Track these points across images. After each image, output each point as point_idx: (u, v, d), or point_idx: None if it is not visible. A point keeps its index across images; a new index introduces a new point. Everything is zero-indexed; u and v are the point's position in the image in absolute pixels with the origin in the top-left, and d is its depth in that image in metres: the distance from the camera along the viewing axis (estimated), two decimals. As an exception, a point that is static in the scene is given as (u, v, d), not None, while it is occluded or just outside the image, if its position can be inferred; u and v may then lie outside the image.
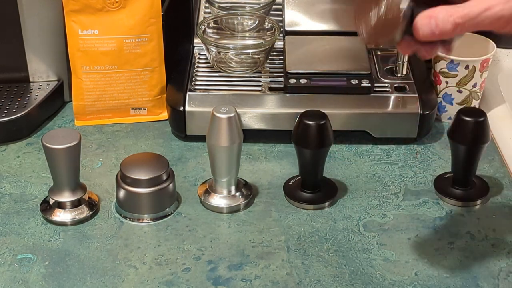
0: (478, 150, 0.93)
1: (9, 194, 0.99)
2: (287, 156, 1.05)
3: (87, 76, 1.11)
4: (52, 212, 0.94)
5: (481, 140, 0.92)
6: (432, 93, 1.12)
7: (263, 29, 1.19)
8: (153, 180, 0.92)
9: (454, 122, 0.93)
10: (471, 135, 0.92)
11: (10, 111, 1.11)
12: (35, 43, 1.14)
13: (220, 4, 1.19)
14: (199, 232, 0.92)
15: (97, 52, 1.10)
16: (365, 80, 1.08)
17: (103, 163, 1.05)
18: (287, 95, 1.08)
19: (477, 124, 0.92)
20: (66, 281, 0.84)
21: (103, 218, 0.95)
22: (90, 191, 0.97)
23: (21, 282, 0.84)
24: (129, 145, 1.09)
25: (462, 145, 0.93)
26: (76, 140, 0.89)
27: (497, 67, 1.25)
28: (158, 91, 1.14)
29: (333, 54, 1.13)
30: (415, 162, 1.05)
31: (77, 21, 1.09)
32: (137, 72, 1.12)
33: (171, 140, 1.11)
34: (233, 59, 1.14)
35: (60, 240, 0.91)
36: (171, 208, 0.95)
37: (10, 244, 0.90)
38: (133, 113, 1.15)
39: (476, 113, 0.93)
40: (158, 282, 0.84)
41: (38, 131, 1.13)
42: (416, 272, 0.85)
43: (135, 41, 1.10)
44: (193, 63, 1.16)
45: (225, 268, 0.86)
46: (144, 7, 1.09)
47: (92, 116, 1.14)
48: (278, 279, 0.84)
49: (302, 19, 1.18)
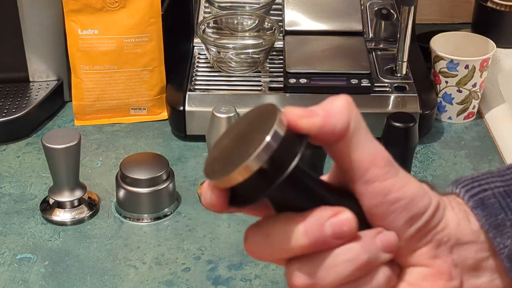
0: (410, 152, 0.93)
1: (9, 194, 0.99)
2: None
3: (87, 76, 1.11)
4: (52, 212, 0.94)
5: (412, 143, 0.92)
6: (432, 93, 1.11)
7: (263, 29, 1.19)
8: (153, 180, 0.92)
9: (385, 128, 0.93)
10: (403, 139, 0.91)
11: (10, 111, 1.11)
12: (35, 43, 1.14)
13: (220, 4, 1.19)
14: (199, 232, 0.92)
15: (97, 52, 1.10)
16: (365, 80, 1.08)
17: (103, 163, 1.05)
18: (287, 95, 1.08)
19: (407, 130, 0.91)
20: (66, 281, 0.84)
21: (103, 218, 0.95)
22: (90, 191, 0.97)
23: (21, 282, 0.84)
24: (129, 145, 1.09)
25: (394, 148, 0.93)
26: (76, 140, 0.89)
27: (497, 67, 1.25)
28: (158, 91, 1.14)
29: (333, 54, 1.13)
30: (415, 162, 1.05)
31: (77, 21, 1.09)
32: (137, 72, 1.12)
33: (171, 140, 1.11)
34: (233, 58, 1.13)
35: (60, 240, 0.91)
36: (171, 208, 0.95)
37: (10, 244, 0.90)
38: (133, 113, 1.15)
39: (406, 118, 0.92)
40: (158, 282, 0.84)
41: (38, 131, 1.12)
42: None
43: (135, 41, 1.10)
44: (193, 63, 1.16)
45: (225, 268, 0.86)
46: (144, 7, 1.09)
47: (92, 116, 1.14)
48: (278, 278, 0.84)
49: (302, 19, 1.18)
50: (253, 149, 0.40)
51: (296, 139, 0.42)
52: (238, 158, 0.41)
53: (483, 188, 0.46)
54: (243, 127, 0.44)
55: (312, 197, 0.44)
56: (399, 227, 0.44)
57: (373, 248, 0.44)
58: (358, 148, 0.43)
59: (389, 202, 0.44)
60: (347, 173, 0.44)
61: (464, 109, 1.14)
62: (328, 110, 0.43)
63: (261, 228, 0.44)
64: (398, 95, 1.08)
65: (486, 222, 0.45)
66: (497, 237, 0.45)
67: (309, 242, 0.43)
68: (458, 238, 0.45)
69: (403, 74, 1.12)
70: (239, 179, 0.41)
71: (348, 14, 1.18)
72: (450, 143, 1.10)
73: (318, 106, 0.43)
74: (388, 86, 1.10)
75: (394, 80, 1.11)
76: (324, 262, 0.43)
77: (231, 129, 0.45)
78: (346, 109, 0.43)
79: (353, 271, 0.43)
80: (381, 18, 1.21)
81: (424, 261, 0.45)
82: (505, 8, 1.30)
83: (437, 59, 1.12)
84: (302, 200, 0.44)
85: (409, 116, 0.92)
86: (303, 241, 0.43)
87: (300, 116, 0.42)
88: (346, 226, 0.43)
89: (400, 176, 0.44)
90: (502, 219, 0.45)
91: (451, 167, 1.05)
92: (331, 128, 0.43)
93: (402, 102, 1.08)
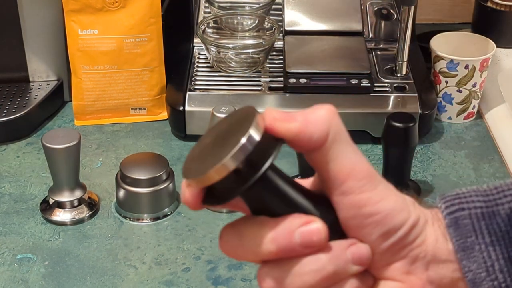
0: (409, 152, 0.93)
1: (9, 194, 0.99)
2: (287, 156, 1.04)
3: (87, 76, 1.11)
4: (51, 212, 0.94)
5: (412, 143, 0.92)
6: (432, 92, 1.11)
7: (263, 28, 1.19)
8: (152, 180, 0.92)
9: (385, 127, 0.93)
10: (403, 139, 0.91)
11: (10, 111, 1.11)
12: (35, 43, 1.14)
13: (220, 4, 1.19)
14: (199, 231, 0.92)
15: (96, 52, 1.10)
16: (365, 80, 1.08)
17: (103, 163, 1.05)
18: (286, 95, 1.08)
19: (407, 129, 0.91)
20: (66, 281, 0.84)
21: (103, 218, 0.95)
22: (90, 191, 0.97)
23: (21, 282, 0.84)
24: (129, 145, 1.09)
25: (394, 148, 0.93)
26: (76, 140, 0.89)
27: (497, 67, 1.25)
28: (157, 91, 1.14)
29: (333, 54, 1.13)
30: (415, 162, 1.05)
31: (76, 21, 1.09)
32: (137, 72, 1.12)
33: (171, 140, 1.11)
34: (233, 58, 1.13)
35: (59, 240, 0.91)
36: (171, 208, 0.95)
37: (10, 244, 0.90)
38: (132, 113, 1.15)
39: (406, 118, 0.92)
40: (158, 282, 0.84)
41: (38, 131, 1.12)
42: None
43: (135, 41, 1.10)
44: (193, 63, 1.16)
45: (224, 268, 0.86)
46: (144, 7, 1.09)
47: (92, 116, 1.14)
48: (277, 278, 0.84)
49: (302, 19, 1.18)
50: (228, 150, 0.41)
51: (272, 142, 0.43)
52: (214, 158, 0.41)
53: (461, 207, 0.45)
54: (223, 129, 0.45)
55: (285, 202, 0.44)
56: (373, 240, 0.44)
57: (342, 260, 0.44)
58: (337, 159, 0.43)
59: (364, 216, 0.44)
60: (324, 182, 0.45)
61: (464, 109, 1.14)
62: (307, 118, 0.43)
63: (235, 228, 0.45)
64: (398, 95, 1.08)
65: (456, 242, 0.45)
66: (463, 260, 0.44)
67: (277, 249, 0.43)
68: (435, 255, 0.45)
69: (403, 74, 1.12)
70: (215, 179, 0.41)
71: (348, 14, 1.18)
72: (450, 143, 1.10)
73: (299, 112, 0.43)
74: (388, 86, 1.10)
75: (394, 80, 1.11)
76: (292, 270, 0.43)
77: (211, 131, 0.46)
78: (327, 120, 0.43)
79: (320, 281, 0.43)
80: (381, 18, 1.21)
81: (397, 276, 0.45)
82: (505, 8, 1.30)
83: (437, 59, 1.12)
84: (275, 204, 0.44)
85: (409, 116, 0.92)
86: (271, 247, 0.43)
87: (277, 120, 0.42)
88: (315, 236, 0.43)
89: (378, 190, 0.44)
90: (472, 242, 0.44)
91: (451, 167, 1.05)
92: (307, 136, 0.43)
93: (402, 102, 1.08)
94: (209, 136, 0.45)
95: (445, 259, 0.45)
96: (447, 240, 0.45)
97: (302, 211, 0.44)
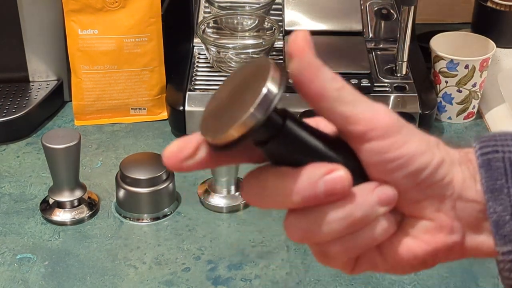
0: None
1: (9, 194, 0.99)
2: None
3: (87, 76, 1.11)
4: (51, 211, 0.94)
5: None
6: (432, 92, 1.11)
7: (263, 28, 1.19)
8: (152, 180, 0.92)
9: None
10: None
11: (10, 111, 1.11)
12: (35, 43, 1.14)
13: (220, 3, 1.19)
14: (199, 231, 0.92)
15: (96, 52, 1.10)
16: (365, 80, 1.08)
17: (102, 163, 1.05)
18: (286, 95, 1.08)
19: None
20: (66, 281, 0.84)
21: (103, 218, 0.95)
22: (90, 190, 0.97)
23: (21, 282, 0.84)
24: (129, 145, 1.09)
25: None
26: (75, 140, 0.89)
27: (496, 67, 1.25)
28: (157, 91, 1.14)
29: (333, 54, 1.13)
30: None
31: (76, 21, 1.09)
32: (137, 72, 1.12)
33: (171, 140, 1.10)
34: (233, 58, 1.13)
35: (59, 240, 0.91)
36: (171, 208, 0.95)
37: (10, 244, 0.90)
38: (132, 112, 1.15)
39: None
40: (158, 281, 0.84)
41: (38, 131, 1.12)
42: (416, 272, 0.85)
43: (135, 41, 1.10)
44: (193, 63, 1.16)
45: (225, 268, 0.86)
46: (144, 7, 1.09)
47: (91, 116, 1.14)
48: (278, 278, 0.84)
49: (302, 19, 1.18)
50: (247, 107, 0.41)
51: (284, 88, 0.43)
52: (233, 116, 0.41)
53: (496, 149, 0.46)
54: (238, 83, 0.44)
55: (307, 151, 0.44)
56: (398, 182, 0.44)
57: (368, 204, 0.44)
58: (359, 106, 0.44)
59: (387, 161, 0.44)
60: (342, 130, 0.44)
61: (464, 109, 1.14)
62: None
63: (258, 179, 0.45)
64: (398, 95, 1.08)
65: (485, 183, 0.45)
66: (490, 201, 0.45)
67: (301, 200, 0.43)
68: (462, 194, 0.45)
69: (403, 74, 1.12)
70: (235, 137, 0.41)
71: (348, 14, 1.18)
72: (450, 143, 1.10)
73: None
74: (388, 86, 1.10)
75: (394, 80, 1.11)
76: (319, 219, 0.44)
77: (225, 85, 0.45)
78: None
79: (348, 226, 0.44)
80: (381, 18, 1.21)
81: (427, 215, 0.46)
82: (505, 8, 1.30)
83: (437, 59, 1.12)
84: (297, 154, 0.44)
85: (409, 116, 0.92)
86: (295, 199, 0.43)
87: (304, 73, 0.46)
88: (339, 184, 0.43)
89: (401, 135, 0.44)
90: (501, 185, 0.45)
91: (451, 167, 1.05)
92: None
93: (402, 102, 1.08)
94: (224, 91, 0.44)
95: (472, 199, 0.46)
96: (475, 181, 0.46)
97: (324, 159, 0.43)
